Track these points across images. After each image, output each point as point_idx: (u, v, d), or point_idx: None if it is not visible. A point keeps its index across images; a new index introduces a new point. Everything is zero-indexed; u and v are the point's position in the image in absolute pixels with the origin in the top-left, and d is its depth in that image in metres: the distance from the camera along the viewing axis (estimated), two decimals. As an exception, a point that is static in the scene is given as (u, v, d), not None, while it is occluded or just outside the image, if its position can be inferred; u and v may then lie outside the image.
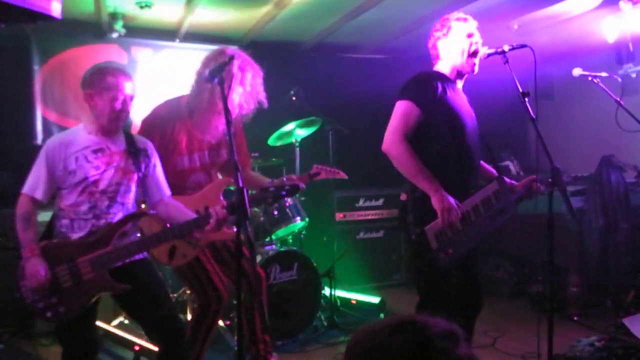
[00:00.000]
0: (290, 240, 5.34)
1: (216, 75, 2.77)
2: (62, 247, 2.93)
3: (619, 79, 4.11)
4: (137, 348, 4.36)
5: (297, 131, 5.23)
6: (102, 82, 3.00)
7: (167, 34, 6.17)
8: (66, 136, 3.09)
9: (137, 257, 3.11)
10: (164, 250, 3.35)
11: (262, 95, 3.46)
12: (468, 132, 3.24)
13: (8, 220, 3.57)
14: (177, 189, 3.43)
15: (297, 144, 5.31)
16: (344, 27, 6.00)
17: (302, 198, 5.33)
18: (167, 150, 3.41)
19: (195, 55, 6.14)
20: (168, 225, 3.10)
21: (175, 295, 4.81)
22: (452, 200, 3.03)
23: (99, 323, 3.99)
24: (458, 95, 3.30)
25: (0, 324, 4.71)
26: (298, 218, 4.93)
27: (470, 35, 3.28)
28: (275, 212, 4.88)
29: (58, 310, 2.89)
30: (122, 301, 3.16)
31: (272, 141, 5.27)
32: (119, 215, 3.04)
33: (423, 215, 3.13)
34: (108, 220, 3.00)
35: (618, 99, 3.97)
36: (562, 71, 4.50)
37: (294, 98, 5.40)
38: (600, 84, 3.85)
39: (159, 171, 3.24)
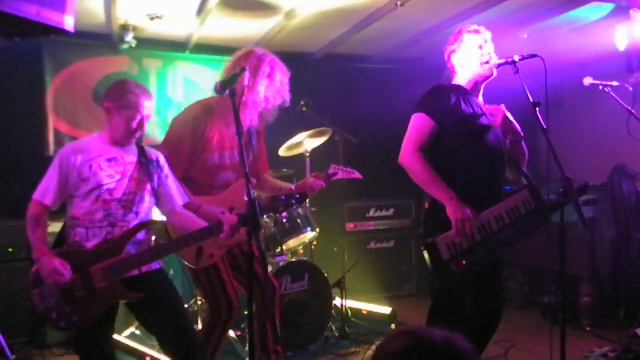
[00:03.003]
0: (302, 251, 5.35)
1: (227, 87, 2.79)
2: (74, 255, 2.93)
3: (630, 88, 4.10)
4: (148, 359, 4.37)
5: (307, 142, 5.24)
6: (123, 100, 3.00)
7: (178, 45, 6.21)
8: (81, 144, 3.11)
9: (153, 266, 3.12)
10: (192, 252, 3.38)
11: (286, 95, 3.53)
12: (489, 141, 3.22)
13: (20, 231, 3.59)
14: (206, 187, 3.50)
15: (307, 154, 5.32)
16: (354, 37, 6.00)
17: (313, 209, 5.33)
18: (198, 148, 3.46)
19: (206, 66, 6.28)
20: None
21: (186, 305, 4.80)
22: (468, 210, 3.00)
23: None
24: (477, 106, 3.29)
25: (12, 334, 4.71)
26: (309, 228, 4.92)
27: (481, 47, 3.27)
28: (286, 223, 4.87)
29: (71, 320, 2.89)
30: (136, 311, 3.16)
31: (282, 152, 5.28)
32: (133, 224, 3.04)
33: (434, 226, 3.13)
34: (124, 229, 3.01)
35: (629, 108, 3.95)
36: (572, 80, 4.48)
37: (304, 109, 5.41)
38: (611, 93, 3.84)
39: (172, 181, 3.25)
